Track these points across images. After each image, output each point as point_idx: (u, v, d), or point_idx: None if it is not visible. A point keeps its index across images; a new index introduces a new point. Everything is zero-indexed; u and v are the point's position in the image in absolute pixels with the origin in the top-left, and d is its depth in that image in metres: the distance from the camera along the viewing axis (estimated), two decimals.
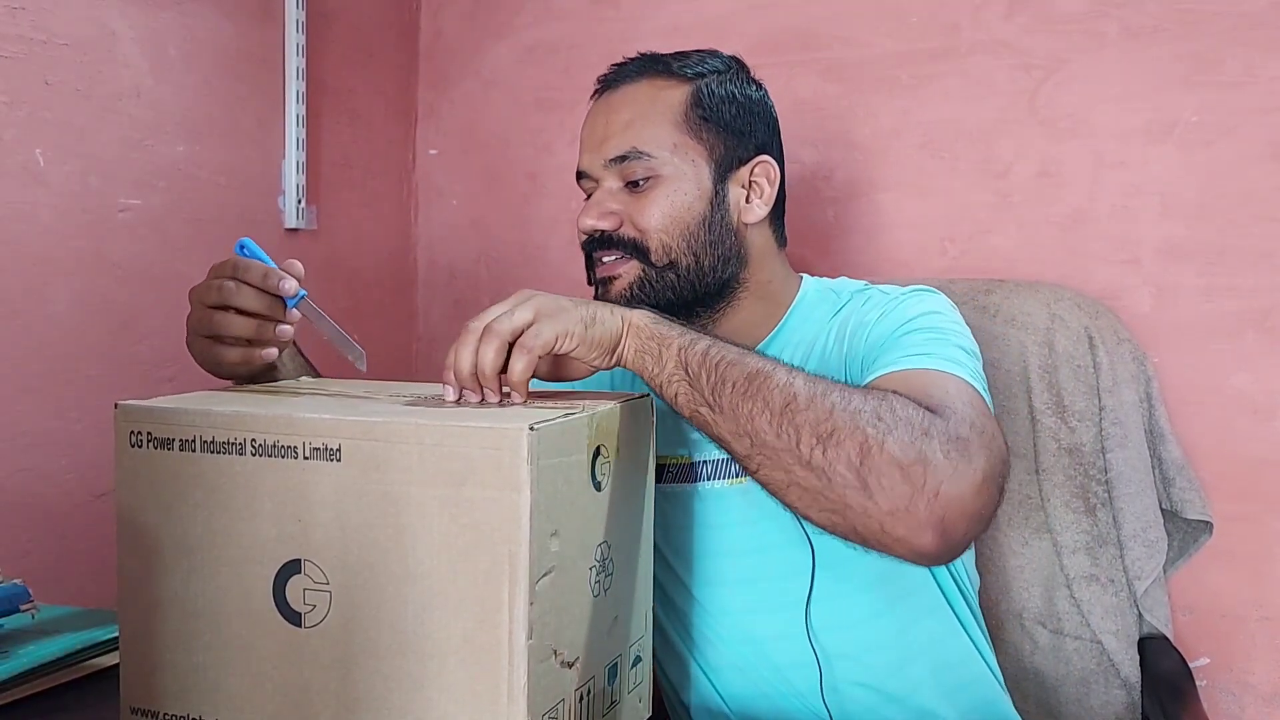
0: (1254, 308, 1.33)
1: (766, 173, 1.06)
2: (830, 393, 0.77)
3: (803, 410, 0.76)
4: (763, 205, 1.05)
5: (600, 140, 1.04)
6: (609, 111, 1.05)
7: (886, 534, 0.75)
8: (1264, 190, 1.32)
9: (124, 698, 0.74)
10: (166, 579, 0.73)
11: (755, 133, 1.06)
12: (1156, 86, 1.36)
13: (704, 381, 0.79)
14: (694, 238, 1.01)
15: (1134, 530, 1.25)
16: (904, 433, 0.75)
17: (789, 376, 0.78)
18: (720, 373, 0.79)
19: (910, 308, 0.98)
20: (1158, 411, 1.31)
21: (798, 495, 0.77)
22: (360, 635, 0.68)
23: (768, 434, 0.77)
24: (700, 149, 1.02)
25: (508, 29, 1.72)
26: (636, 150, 1.01)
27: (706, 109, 1.03)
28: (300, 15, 1.50)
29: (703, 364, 0.80)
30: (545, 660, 0.68)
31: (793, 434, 0.76)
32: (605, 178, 1.04)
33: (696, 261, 1.01)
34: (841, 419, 0.75)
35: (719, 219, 1.03)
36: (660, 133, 1.02)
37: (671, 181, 1.01)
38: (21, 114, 1.15)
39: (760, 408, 0.77)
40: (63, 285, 1.20)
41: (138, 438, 0.73)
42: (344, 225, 1.63)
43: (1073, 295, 1.32)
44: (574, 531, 0.71)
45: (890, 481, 0.73)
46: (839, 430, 0.75)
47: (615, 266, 1.03)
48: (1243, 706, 1.35)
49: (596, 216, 1.03)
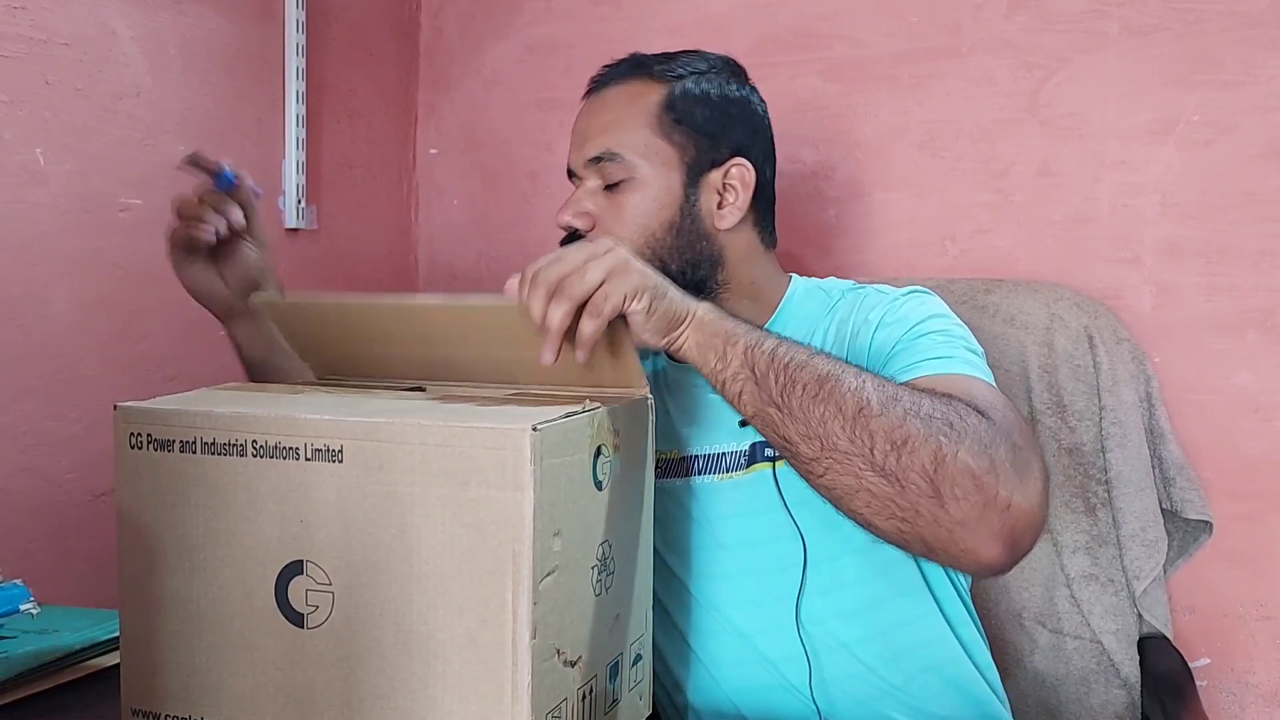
0: (1255, 307, 1.33)
1: (741, 176, 1.05)
2: (901, 397, 0.77)
3: (876, 415, 0.76)
4: (735, 210, 1.04)
5: (582, 140, 1.06)
6: (591, 113, 1.07)
7: (955, 543, 0.75)
8: (1265, 189, 1.32)
9: (125, 699, 0.74)
10: (168, 580, 0.73)
11: (731, 135, 1.05)
12: (1157, 86, 1.36)
13: (772, 382, 0.79)
14: (660, 243, 1.02)
15: (1134, 530, 1.25)
16: (975, 441, 0.75)
17: (859, 380, 0.78)
18: (790, 374, 0.79)
19: (914, 310, 0.98)
20: (1158, 411, 1.31)
21: (866, 501, 0.77)
22: (363, 635, 0.68)
23: (840, 439, 0.76)
24: (672, 152, 1.03)
25: (508, 28, 1.72)
26: (610, 151, 1.02)
27: (679, 111, 1.03)
28: (300, 15, 1.50)
29: (771, 364, 0.79)
30: (548, 659, 0.68)
31: (866, 439, 0.76)
32: (587, 177, 1.05)
33: (663, 266, 1.00)
34: (915, 425, 0.76)
35: (688, 224, 1.03)
36: (634, 135, 1.02)
37: (642, 185, 1.02)
38: (21, 113, 1.15)
39: (833, 412, 0.77)
40: (63, 285, 1.20)
41: (137, 439, 0.73)
42: (344, 225, 1.63)
43: (1072, 295, 1.32)
44: (576, 531, 0.71)
45: (964, 491, 0.74)
46: (913, 437, 0.75)
47: None
48: (1243, 706, 1.35)
49: (571, 215, 1.04)
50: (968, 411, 0.78)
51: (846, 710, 0.98)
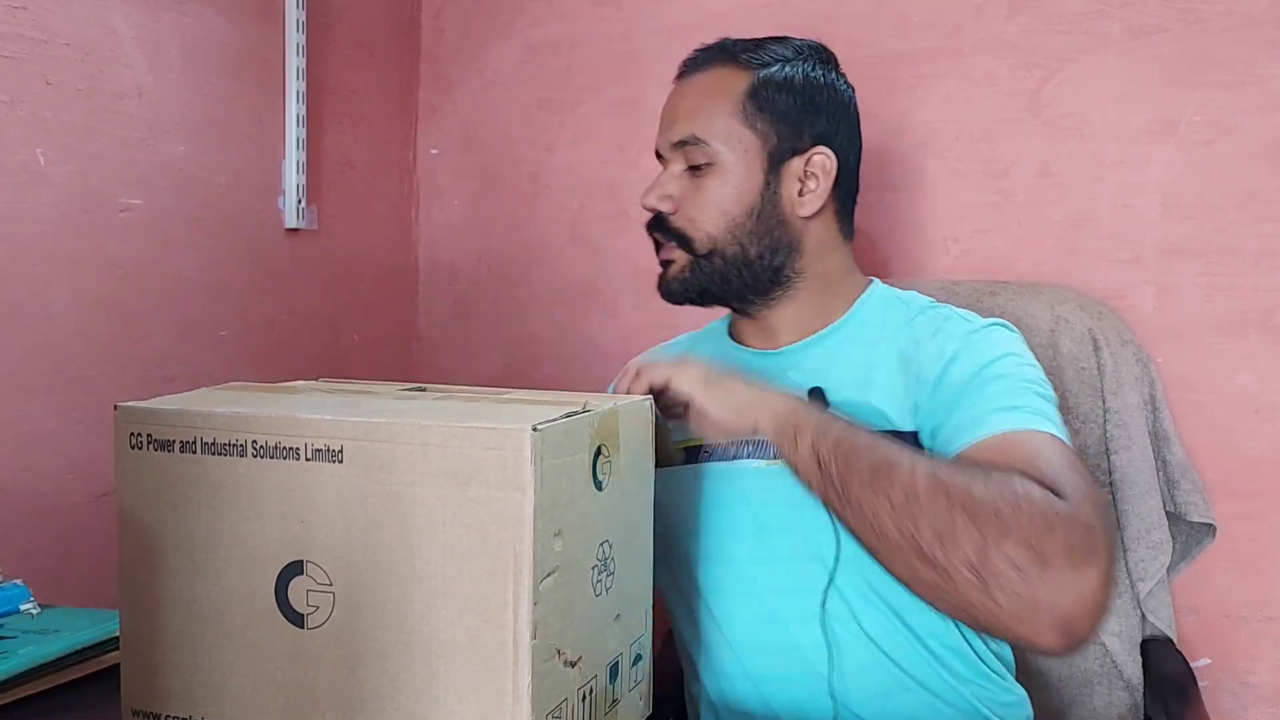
0: (1256, 307, 1.33)
1: (822, 164, 1.06)
2: (952, 486, 0.77)
3: (923, 505, 0.77)
4: (815, 198, 1.06)
5: (669, 123, 1.08)
6: (679, 97, 1.09)
7: (1010, 631, 0.75)
8: (1266, 189, 1.32)
9: (125, 699, 0.74)
10: (168, 580, 0.73)
11: (814, 123, 1.06)
12: (1158, 86, 1.36)
13: (833, 472, 0.82)
14: (740, 228, 1.04)
15: (1138, 532, 1.24)
16: (1024, 532, 0.74)
17: (913, 466, 0.80)
18: (848, 464, 0.81)
19: (988, 348, 0.98)
20: (1162, 414, 1.31)
21: (923, 589, 0.78)
22: (364, 636, 0.68)
23: (889, 528, 0.78)
24: (754, 139, 1.04)
25: (509, 29, 1.72)
26: (695, 136, 1.04)
27: (763, 99, 1.05)
28: (301, 15, 1.50)
29: (833, 454, 0.82)
30: (549, 660, 0.68)
31: (912, 529, 0.77)
32: (673, 160, 1.08)
33: (742, 250, 1.04)
34: (960, 518, 0.75)
35: (768, 210, 1.05)
36: (718, 121, 1.04)
37: (724, 171, 1.04)
38: (22, 114, 1.15)
39: (883, 501, 0.78)
40: (63, 285, 1.20)
41: (138, 439, 0.73)
42: (344, 225, 1.63)
43: (1076, 297, 1.31)
44: (577, 531, 0.71)
45: (1009, 583, 0.73)
46: (957, 528, 0.75)
47: (670, 251, 1.08)
48: (1245, 707, 1.35)
49: (656, 197, 1.07)
50: (1023, 496, 0.77)
51: (865, 702, 0.98)
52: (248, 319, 1.45)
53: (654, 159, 1.62)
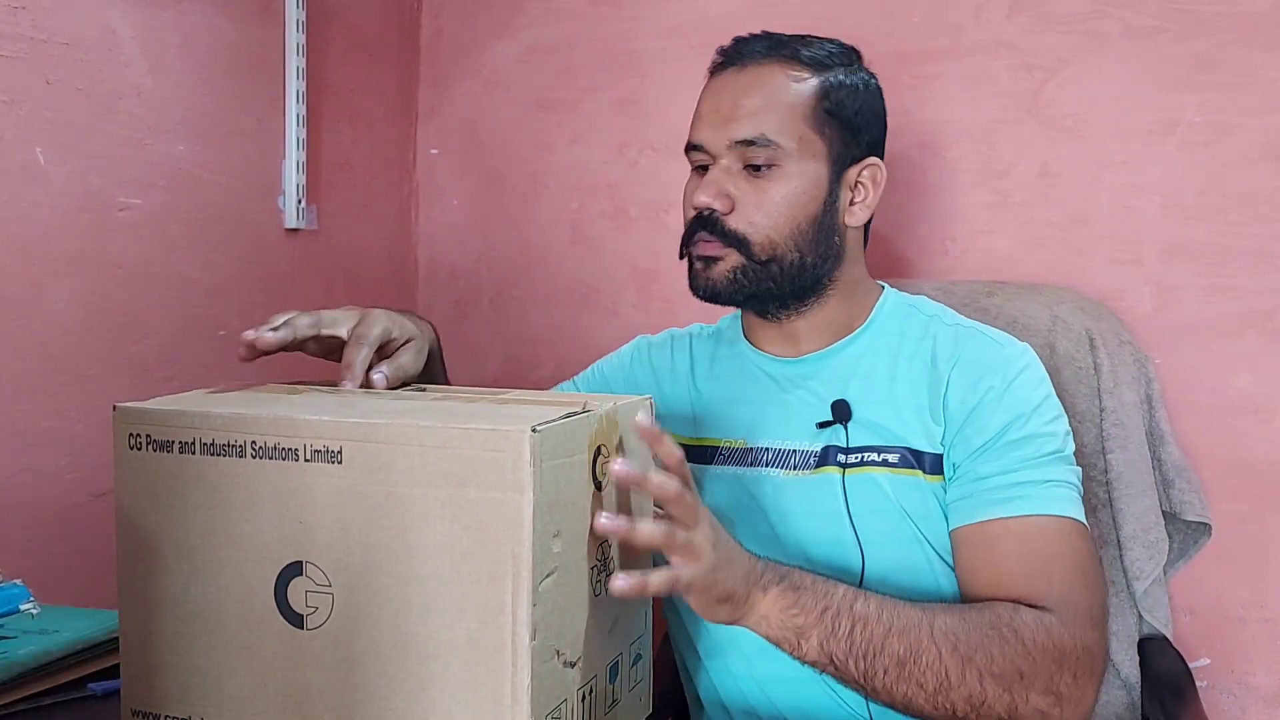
0: (1255, 308, 1.33)
1: (874, 175, 1.06)
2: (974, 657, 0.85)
3: (955, 686, 0.85)
4: (865, 209, 1.05)
5: (727, 119, 1.02)
6: (738, 90, 1.03)
7: None
8: (1265, 190, 1.32)
9: (124, 700, 0.74)
10: (167, 581, 0.73)
11: (870, 131, 1.06)
12: (1158, 86, 1.36)
13: (852, 669, 0.85)
14: (802, 235, 1.01)
15: (1134, 531, 1.25)
16: (1043, 678, 0.86)
17: (935, 646, 0.85)
18: (869, 661, 0.85)
19: (1021, 395, 0.99)
20: (1158, 413, 1.31)
21: None
22: (363, 637, 0.68)
23: (924, 708, 0.86)
24: (821, 145, 1.02)
25: (508, 28, 1.72)
26: (765, 137, 1.00)
27: (832, 103, 1.02)
28: (300, 14, 1.49)
29: (849, 654, 0.85)
30: (548, 661, 0.68)
31: (948, 707, 0.86)
32: (725, 156, 1.02)
33: (800, 258, 1.02)
34: (990, 685, 0.85)
35: (828, 219, 1.03)
36: (790, 123, 1.01)
37: (791, 175, 1.01)
38: (22, 113, 1.15)
39: (915, 689, 0.85)
40: (63, 285, 1.20)
41: (136, 440, 0.73)
42: (344, 225, 1.63)
43: (1074, 297, 1.31)
44: (576, 532, 0.71)
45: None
46: (989, 696, 0.85)
47: (716, 248, 1.02)
48: (1243, 707, 1.35)
49: (713, 195, 1.01)
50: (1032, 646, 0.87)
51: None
52: (247, 319, 1.44)
53: (654, 158, 1.64)
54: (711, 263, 1.03)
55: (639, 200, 1.64)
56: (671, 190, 1.62)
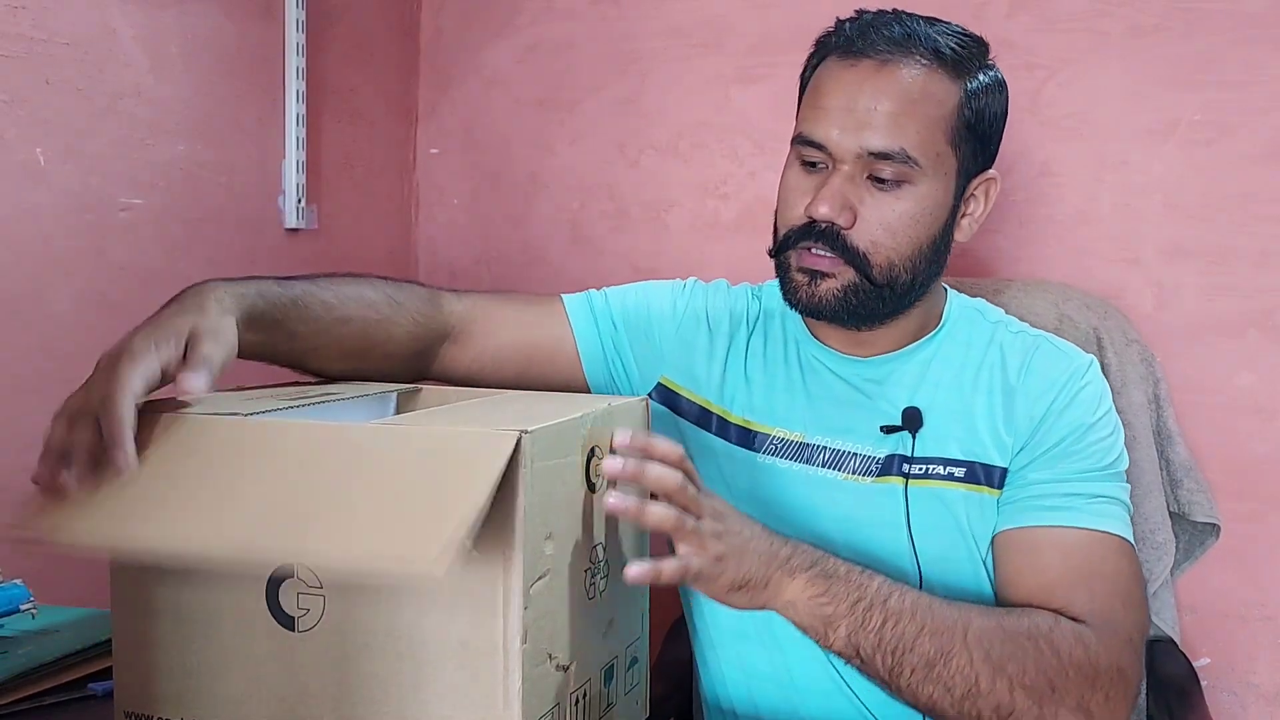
0: (1257, 307, 1.33)
1: (988, 189, 0.99)
2: (1005, 667, 0.82)
3: (984, 694, 0.82)
4: (974, 224, 0.99)
5: (861, 123, 0.90)
6: (876, 92, 0.91)
7: None
8: (1266, 189, 1.32)
9: (118, 702, 0.74)
10: (160, 583, 0.73)
11: (997, 138, 0.98)
12: (1159, 86, 1.36)
13: (879, 665, 0.82)
14: (922, 257, 0.93)
15: (1141, 532, 1.24)
16: (1074, 694, 0.83)
17: (967, 650, 0.82)
18: (897, 659, 0.82)
19: (1088, 405, 0.96)
20: (1166, 413, 1.30)
21: None
22: (354, 639, 0.68)
23: (949, 712, 0.83)
24: (954, 162, 0.93)
25: (508, 28, 1.72)
26: (905, 153, 0.90)
27: (973, 113, 0.93)
28: (300, 14, 1.50)
29: (877, 648, 0.82)
30: (540, 664, 0.68)
31: (974, 714, 0.82)
32: (850, 163, 0.91)
33: (913, 279, 0.94)
34: (1020, 696, 0.82)
35: (945, 237, 0.96)
36: (930, 139, 0.91)
37: (921, 195, 0.92)
38: (22, 113, 1.15)
39: (942, 692, 0.82)
40: (63, 285, 1.20)
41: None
42: (344, 225, 1.63)
43: (1081, 296, 1.31)
44: (569, 534, 0.71)
45: None
46: (1017, 707, 0.82)
47: (831, 264, 0.93)
48: (1244, 706, 1.35)
49: (837, 209, 0.91)
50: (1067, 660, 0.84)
51: None
52: None
53: (654, 158, 1.64)
54: (820, 278, 0.93)
55: (639, 200, 1.64)
56: (671, 190, 1.63)
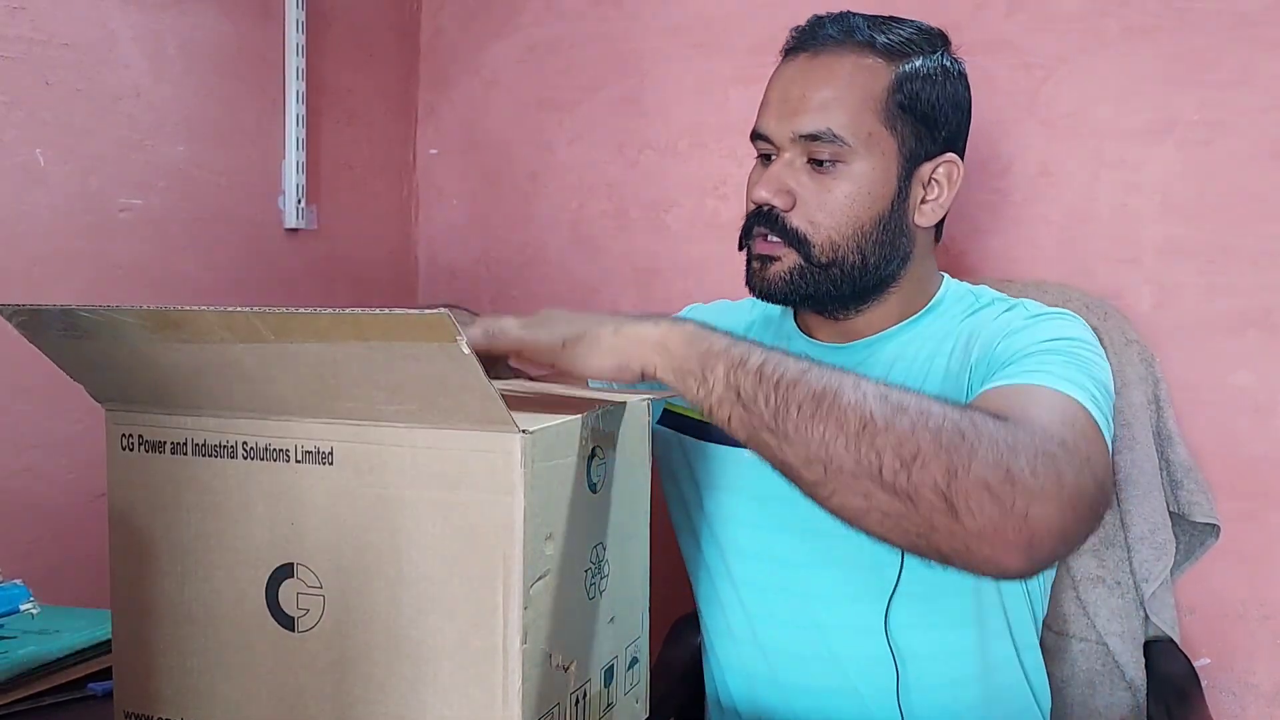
0: (1255, 306, 1.33)
1: (949, 173, 1.01)
2: (907, 407, 0.71)
3: (882, 432, 0.70)
4: (937, 208, 1.01)
5: (794, 110, 0.97)
6: (808, 80, 0.98)
7: (972, 554, 0.71)
8: (1264, 189, 1.32)
9: (118, 702, 0.74)
10: (159, 583, 0.73)
11: (948, 125, 1.00)
12: (1156, 85, 1.36)
13: (762, 405, 0.72)
14: (865, 236, 0.97)
15: (1142, 533, 1.24)
16: (989, 451, 0.70)
17: (859, 392, 0.71)
18: (781, 394, 0.72)
19: (1047, 329, 0.94)
20: (1166, 413, 1.31)
21: (878, 520, 0.72)
22: (354, 639, 0.68)
23: (845, 459, 0.70)
24: (892, 142, 0.97)
25: (508, 28, 1.72)
26: (831, 132, 0.95)
27: (905, 97, 0.97)
28: (300, 15, 1.50)
29: (758, 385, 0.72)
30: (540, 664, 0.68)
31: (874, 458, 0.70)
32: (788, 149, 0.98)
33: (862, 260, 0.97)
34: (924, 439, 0.70)
35: (894, 219, 0.98)
36: (858, 118, 0.96)
37: (856, 174, 0.96)
38: (21, 114, 1.15)
39: (834, 431, 0.70)
40: (63, 285, 1.20)
41: (129, 441, 0.73)
42: (344, 225, 1.63)
43: (1081, 296, 1.31)
44: (569, 534, 0.71)
45: (978, 503, 0.69)
46: (923, 452, 0.69)
47: (776, 248, 0.98)
48: (1244, 706, 1.35)
49: (772, 191, 0.97)
50: (984, 418, 0.73)
51: (934, 716, 0.96)
52: None
53: (654, 158, 1.64)
54: (768, 262, 0.99)
55: (639, 200, 1.64)
56: (671, 190, 1.63)
